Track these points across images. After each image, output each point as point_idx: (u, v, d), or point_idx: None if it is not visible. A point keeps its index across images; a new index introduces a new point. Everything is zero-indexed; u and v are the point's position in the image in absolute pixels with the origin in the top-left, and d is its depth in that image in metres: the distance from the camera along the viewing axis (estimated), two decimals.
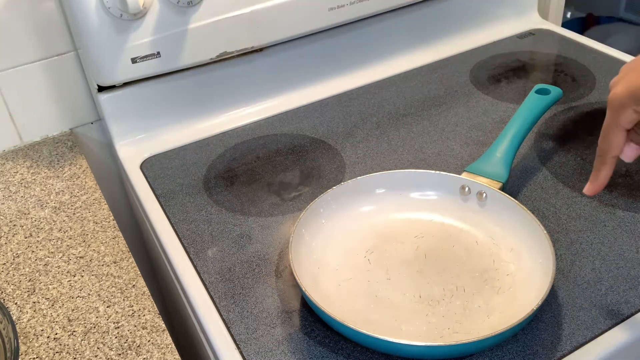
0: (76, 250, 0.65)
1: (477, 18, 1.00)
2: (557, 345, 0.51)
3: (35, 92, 0.82)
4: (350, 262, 0.60)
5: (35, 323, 0.57)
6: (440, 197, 0.66)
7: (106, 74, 0.75)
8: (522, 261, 0.58)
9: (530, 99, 0.72)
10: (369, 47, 0.93)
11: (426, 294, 0.56)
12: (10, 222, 0.70)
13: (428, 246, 0.61)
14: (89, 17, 0.71)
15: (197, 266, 0.62)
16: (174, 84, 0.81)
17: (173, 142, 0.82)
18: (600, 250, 0.60)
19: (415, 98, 0.88)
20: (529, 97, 0.72)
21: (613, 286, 0.56)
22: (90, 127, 0.88)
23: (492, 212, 0.63)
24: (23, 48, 0.79)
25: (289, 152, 0.78)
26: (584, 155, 0.73)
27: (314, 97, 0.89)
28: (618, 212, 0.64)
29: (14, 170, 0.79)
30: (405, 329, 0.53)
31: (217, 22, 0.77)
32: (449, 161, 0.74)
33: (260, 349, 0.53)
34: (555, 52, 0.96)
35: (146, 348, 0.54)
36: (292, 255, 0.56)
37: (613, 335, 0.52)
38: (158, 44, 0.75)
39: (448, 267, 0.59)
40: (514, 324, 0.48)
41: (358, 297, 0.56)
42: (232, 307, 0.58)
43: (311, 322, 0.55)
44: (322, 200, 0.63)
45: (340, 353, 0.52)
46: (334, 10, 0.84)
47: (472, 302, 0.55)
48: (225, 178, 0.75)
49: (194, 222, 0.68)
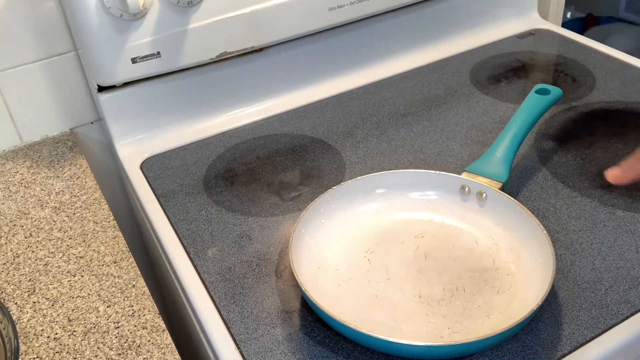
0: (76, 250, 0.65)
1: (477, 18, 1.01)
2: (557, 345, 0.51)
3: (35, 92, 0.82)
4: (350, 262, 0.60)
5: (35, 323, 0.57)
6: (441, 197, 0.66)
7: (106, 74, 0.75)
8: (522, 261, 0.58)
9: (530, 99, 0.72)
10: (369, 47, 0.93)
11: (426, 294, 0.56)
12: (10, 222, 0.70)
13: (428, 246, 0.61)
14: (89, 17, 0.71)
15: (197, 266, 0.62)
16: (174, 84, 0.81)
17: (173, 142, 0.82)
18: (600, 250, 0.60)
19: (415, 98, 0.88)
20: (529, 97, 0.72)
21: (613, 286, 0.56)
22: (90, 127, 0.88)
23: (492, 212, 0.63)
24: (23, 48, 0.79)
25: (289, 152, 0.78)
26: (583, 156, 0.73)
27: (314, 97, 0.89)
28: (618, 212, 0.64)
29: (14, 170, 0.79)
30: (405, 329, 0.53)
31: (217, 22, 0.77)
32: (449, 161, 0.74)
33: (261, 349, 0.53)
34: (555, 52, 0.96)
35: (146, 348, 0.54)
36: (292, 255, 0.56)
37: (613, 335, 0.52)
38: (158, 44, 0.75)
39: (448, 267, 0.59)
40: (515, 323, 0.48)
41: (358, 297, 0.56)
42: (232, 307, 0.58)
43: (311, 322, 0.55)
44: (322, 200, 0.63)
45: (340, 353, 0.52)
46: (334, 11, 0.84)
47: (472, 302, 0.55)
48: (225, 178, 0.75)
49: (194, 222, 0.68)
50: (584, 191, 0.68)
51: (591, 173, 0.70)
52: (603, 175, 0.67)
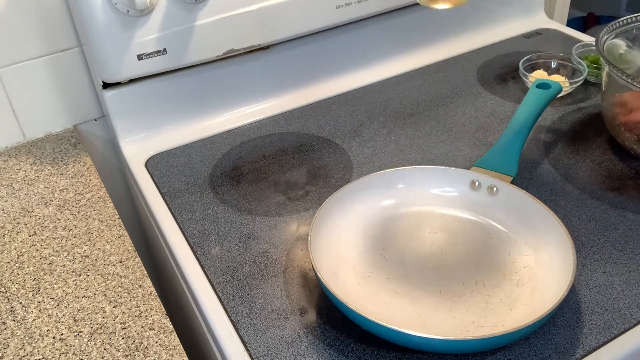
0: (81, 249, 0.65)
1: (484, 17, 1.00)
2: (569, 349, 0.51)
3: (38, 88, 0.81)
4: (367, 259, 0.60)
5: (40, 323, 0.57)
6: (451, 192, 0.66)
7: (111, 70, 0.74)
8: (538, 253, 0.58)
9: (531, 93, 0.73)
10: (375, 46, 0.92)
11: (446, 289, 0.56)
12: (14, 220, 0.69)
13: (442, 241, 0.61)
14: (94, 13, 0.70)
15: (204, 266, 0.62)
16: (180, 81, 0.80)
17: (178, 140, 0.81)
18: (612, 253, 0.60)
19: (422, 97, 0.87)
20: (530, 92, 0.74)
21: (625, 290, 0.56)
22: (94, 124, 0.87)
23: (504, 206, 0.63)
24: (27, 43, 0.78)
25: (295, 151, 0.78)
26: (593, 157, 0.72)
27: (321, 95, 0.89)
28: (628, 215, 0.64)
29: (17, 167, 0.78)
30: (430, 325, 0.53)
31: (224, 19, 0.76)
32: (457, 161, 0.74)
33: (270, 351, 0.53)
34: (563, 52, 0.95)
35: (154, 349, 0.53)
36: (312, 254, 0.55)
37: (626, 339, 0.52)
38: (164, 40, 0.74)
39: (465, 262, 0.59)
40: (545, 314, 0.48)
41: (378, 295, 0.56)
42: (240, 308, 0.57)
43: (320, 324, 0.55)
44: (335, 198, 0.62)
45: (350, 356, 0.52)
46: (341, 8, 0.83)
47: (494, 295, 0.55)
48: (231, 177, 0.74)
49: (200, 221, 0.67)
50: (594, 193, 0.67)
51: (601, 175, 0.70)
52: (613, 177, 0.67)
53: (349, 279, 0.58)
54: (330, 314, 0.55)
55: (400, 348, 0.51)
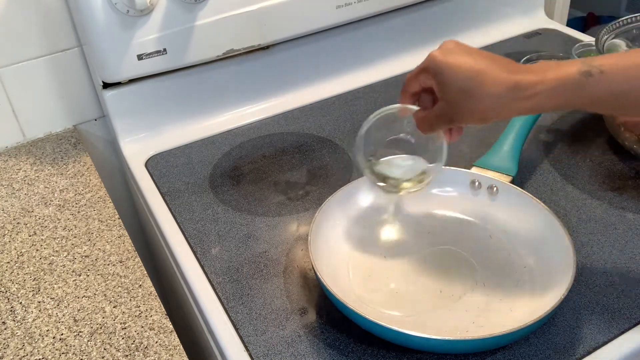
0: (81, 249, 0.65)
1: (484, 17, 1.00)
2: (570, 349, 0.51)
3: (38, 88, 0.81)
4: (367, 259, 0.60)
5: (40, 323, 0.57)
6: (451, 192, 0.66)
7: (111, 70, 0.74)
8: (538, 253, 0.58)
9: None
10: (375, 46, 0.92)
11: (446, 289, 0.56)
12: (14, 220, 0.69)
13: (443, 241, 0.61)
14: (95, 13, 0.70)
15: (204, 266, 0.62)
16: (180, 81, 0.80)
17: (178, 140, 0.81)
18: (612, 253, 0.60)
19: None
20: None
21: (625, 290, 0.56)
22: (94, 124, 0.87)
23: (504, 206, 0.63)
24: (27, 43, 0.78)
25: (295, 151, 0.78)
26: (593, 157, 0.73)
27: (320, 95, 0.89)
28: (628, 215, 0.64)
29: (17, 167, 0.78)
30: (430, 325, 0.53)
31: (224, 19, 0.76)
32: (458, 162, 0.73)
33: (270, 351, 0.53)
34: (562, 52, 0.95)
35: (154, 349, 0.53)
36: (312, 254, 0.55)
37: (626, 339, 0.52)
38: (164, 40, 0.74)
39: (464, 262, 0.59)
40: (545, 313, 0.48)
41: (378, 294, 0.56)
42: (240, 308, 0.57)
43: (320, 324, 0.55)
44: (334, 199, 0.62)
45: (350, 356, 0.52)
46: (341, 8, 0.83)
47: (493, 295, 0.55)
48: (231, 177, 0.74)
49: (200, 221, 0.67)
50: (594, 193, 0.67)
51: (601, 175, 0.70)
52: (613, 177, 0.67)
53: (348, 279, 0.58)
54: (330, 314, 0.55)
55: (400, 348, 0.51)
